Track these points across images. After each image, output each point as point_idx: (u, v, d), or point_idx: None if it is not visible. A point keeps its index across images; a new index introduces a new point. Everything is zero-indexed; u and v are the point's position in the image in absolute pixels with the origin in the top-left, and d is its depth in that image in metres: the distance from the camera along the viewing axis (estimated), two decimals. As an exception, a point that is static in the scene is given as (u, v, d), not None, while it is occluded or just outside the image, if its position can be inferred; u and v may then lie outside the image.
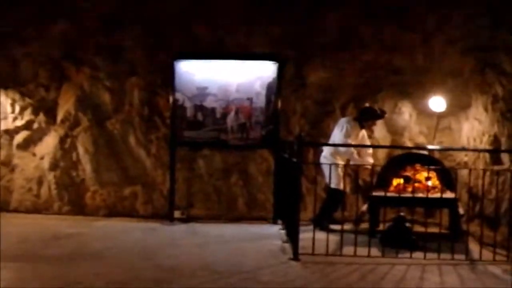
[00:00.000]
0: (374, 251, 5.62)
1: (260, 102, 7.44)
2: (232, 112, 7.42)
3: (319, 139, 7.54)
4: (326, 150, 7.04)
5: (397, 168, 7.01)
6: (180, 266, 5.10)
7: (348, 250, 5.57)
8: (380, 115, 7.10)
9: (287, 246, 5.91)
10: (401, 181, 6.85)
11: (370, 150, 7.26)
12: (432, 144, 7.55)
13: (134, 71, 7.74)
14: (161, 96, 7.70)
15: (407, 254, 5.55)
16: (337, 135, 6.97)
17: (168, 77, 7.51)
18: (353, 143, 6.91)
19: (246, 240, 6.39)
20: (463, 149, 7.36)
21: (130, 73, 7.74)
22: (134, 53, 7.69)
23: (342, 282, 4.73)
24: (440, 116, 7.57)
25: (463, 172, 7.26)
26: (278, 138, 7.45)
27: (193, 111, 7.46)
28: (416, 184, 6.74)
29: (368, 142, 7.26)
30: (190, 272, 4.92)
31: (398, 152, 7.38)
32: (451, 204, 6.40)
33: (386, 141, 7.84)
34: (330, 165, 6.37)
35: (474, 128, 7.24)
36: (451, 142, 7.67)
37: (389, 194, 6.41)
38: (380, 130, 7.73)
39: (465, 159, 7.42)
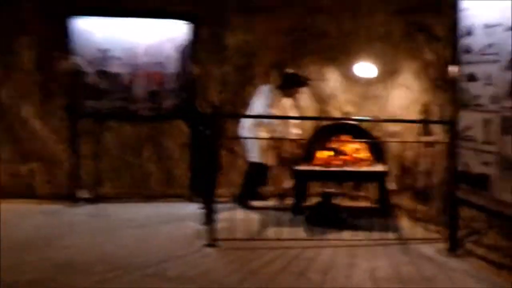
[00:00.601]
0: (300, 232, 5.11)
1: (173, 67, 6.63)
2: (141, 79, 6.58)
3: (240, 108, 6.88)
4: (247, 121, 6.40)
5: (324, 140, 6.50)
6: (76, 260, 4.36)
7: (272, 231, 5.02)
8: (304, 82, 6.52)
9: (205, 229, 5.28)
10: (328, 153, 6.36)
11: (295, 121, 6.68)
12: (360, 113, 7.10)
13: (24, 30, 6.69)
14: (58, 59, 6.71)
15: (336, 234, 5.07)
16: (258, 105, 6.33)
17: (64, 37, 6.54)
18: (276, 113, 6.31)
19: (158, 223, 5.69)
20: (394, 120, 6.94)
21: (20, 31, 6.69)
22: (23, 7, 6.63)
23: (264, 273, 4.16)
24: (369, 83, 7.11)
25: (394, 143, 6.88)
26: (193, 108, 6.72)
27: (95, 77, 6.54)
28: (344, 157, 6.27)
29: (293, 112, 6.67)
30: (86, 267, 4.19)
31: (325, 122, 6.86)
32: (380, 178, 5.97)
33: (312, 111, 7.32)
34: (247, 138, 5.74)
35: (404, 96, 6.82)
36: (380, 111, 7.23)
37: (315, 168, 5.89)
38: (305, 98, 7.18)
39: (395, 129, 7.01)
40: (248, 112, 6.43)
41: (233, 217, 4.97)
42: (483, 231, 4.99)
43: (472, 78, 4.23)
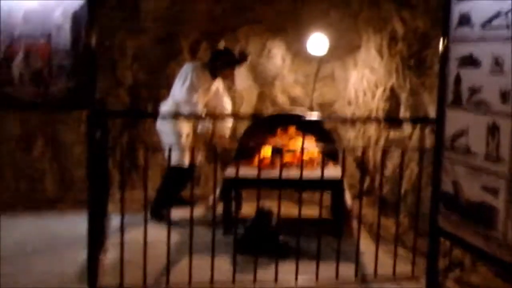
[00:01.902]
0: (225, 266, 3.72)
1: (64, 39, 5.02)
2: (20, 54, 4.97)
3: (161, 91, 5.39)
4: (165, 110, 4.91)
5: (264, 133, 5.09)
6: None
7: (183, 266, 3.62)
8: (240, 59, 5.05)
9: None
10: (268, 151, 4.95)
11: (228, 107, 5.22)
12: (311, 97, 5.73)
13: None
14: None
15: (270, 271, 3.69)
16: (178, 89, 4.84)
17: None
18: (202, 99, 4.84)
19: (33, 253, 4.18)
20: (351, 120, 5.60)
21: None
22: None
23: None
24: (322, 61, 5.71)
25: (350, 138, 5.53)
26: (93, 93, 5.13)
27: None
28: (289, 157, 4.88)
29: (225, 97, 5.21)
30: None
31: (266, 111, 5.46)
32: (335, 186, 4.60)
33: (253, 94, 5.89)
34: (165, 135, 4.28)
35: (364, 78, 5.46)
36: (335, 95, 5.86)
37: (248, 174, 4.47)
38: (242, 80, 5.73)
39: (353, 117, 5.66)
40: (169, 99, 4.93)
41: (136, 239, 3.53)
42: (468, 264, 3.70)
43: (469, 62, 2.85)
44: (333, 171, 4.67)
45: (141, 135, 5.50)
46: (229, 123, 5.19)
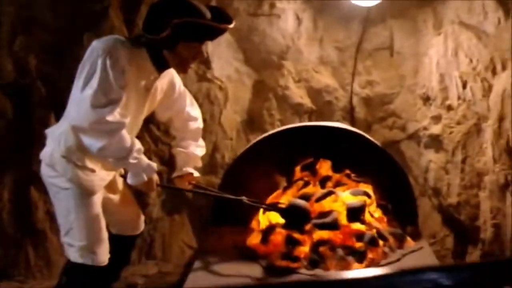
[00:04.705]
0: None
1: None
2: None
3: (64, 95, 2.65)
4: (54, 144, 2.19)
5: (269, 173, 2.48)
6: None
7: None
8: (217, 25, 2.20)
9: None
10: (278, 218, 2.34)
11: (195, 121, 2.49)
12: (350, 89, 3.14)
13: None
14: None
15: None
16: (77, 98, 2.10)
17: None
18: (133, 112, 2.14)
19: None
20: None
21: None
22: None
23: None
24: (369, 19, 3.13)
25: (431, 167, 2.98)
26: None
27: None
28: (324, 234, 2.25)
29: (187, 102, 2.45)
30: None
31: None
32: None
33: (244, 88, 3.29)
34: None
35: (461, 52, 2.79)
36: (396, 83, 3.25)
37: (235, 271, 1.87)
38: (225, 61, 3.09)
39: (436, 128, 2.98)
40: (62, 120, 2.21)
41: None
42: None
43: None
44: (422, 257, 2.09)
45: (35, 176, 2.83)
46: (198, 149, 2.50)
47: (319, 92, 3.25)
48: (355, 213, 2.21)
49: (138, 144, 2.12)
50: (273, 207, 2.31)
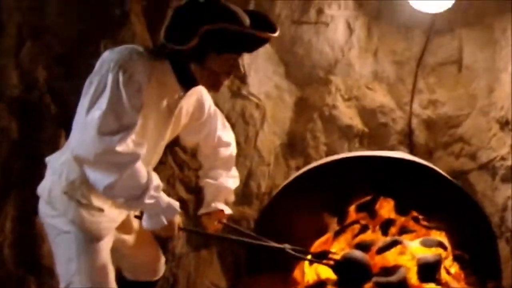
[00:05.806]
0: None
1: None
2: None
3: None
4: (54, 177, 1.80)
5: (315, 212, 2.04)
6: None
7: None
8: (258, 35, 1.80)
9: None
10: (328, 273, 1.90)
11: (230, 153, 2.08)
12: (409, 108, 2.76)
13: None
14: None
15: None
16: (80, 122, 1.71)
17: None
18: (150, 140, 1.75)
19: None
20: None
21: None
22: None
23: None
24: (434, 29, 2.75)
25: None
26: None
27: None
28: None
29: (219, 125, 2.05)
30: None
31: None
32: None
33: (284, 107, 2.87)
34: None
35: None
36: (465, 102, 2.83)
37: None
38: (264, 76, 2.70)
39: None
40: (64, 149, 1.82)
41: None
42: None
43: None
44: None
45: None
46: (231, 180, 2.09)
47: (373, 112, 2.86)
48: (428, 271, 1.76)
49: (156, 180, 1.71)
50: (323, 258, 1.88)
